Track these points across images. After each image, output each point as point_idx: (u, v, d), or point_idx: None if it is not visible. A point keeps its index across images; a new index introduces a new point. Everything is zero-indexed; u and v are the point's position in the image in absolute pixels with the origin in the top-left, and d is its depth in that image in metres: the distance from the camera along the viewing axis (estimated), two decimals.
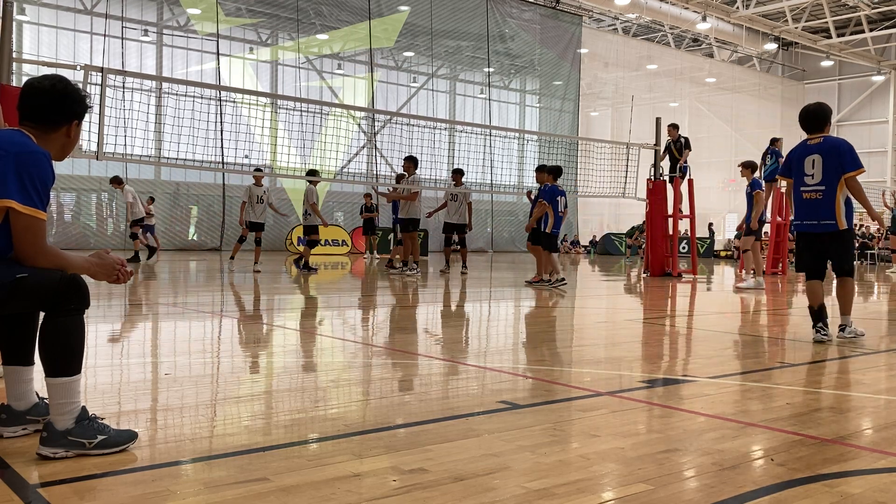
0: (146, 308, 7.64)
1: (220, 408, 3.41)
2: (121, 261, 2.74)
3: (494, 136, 24.04)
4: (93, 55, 22.65)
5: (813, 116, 5.95)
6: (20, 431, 2.78)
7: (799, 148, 6.02)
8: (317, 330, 6.44)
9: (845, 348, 5.62)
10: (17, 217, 2.52)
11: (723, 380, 4.29)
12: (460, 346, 5.65)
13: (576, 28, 31.37)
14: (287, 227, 25.79)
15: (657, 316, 8.05)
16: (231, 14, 25.69)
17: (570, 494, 2.32)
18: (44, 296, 2.56)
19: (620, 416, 3.33)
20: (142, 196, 18.30)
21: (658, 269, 14.72)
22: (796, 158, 5.99)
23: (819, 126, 5.95)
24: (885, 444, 2.99)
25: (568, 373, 4.40)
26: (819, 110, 5.97)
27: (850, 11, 32.08)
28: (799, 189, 5.92)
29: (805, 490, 2.41)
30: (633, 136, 16.52)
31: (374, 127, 27.99)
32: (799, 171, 5.94)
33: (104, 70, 8.90)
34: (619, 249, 31.70)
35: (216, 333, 6.03)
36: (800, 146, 6.02)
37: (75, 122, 2.76)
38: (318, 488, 2.32)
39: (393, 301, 9.10)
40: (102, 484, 2.36)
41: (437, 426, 3.10)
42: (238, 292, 9.95)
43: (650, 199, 14.96)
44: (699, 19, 29.97)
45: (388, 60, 30.53)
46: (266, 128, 22.07)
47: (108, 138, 9.48)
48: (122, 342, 5.44)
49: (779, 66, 39.40)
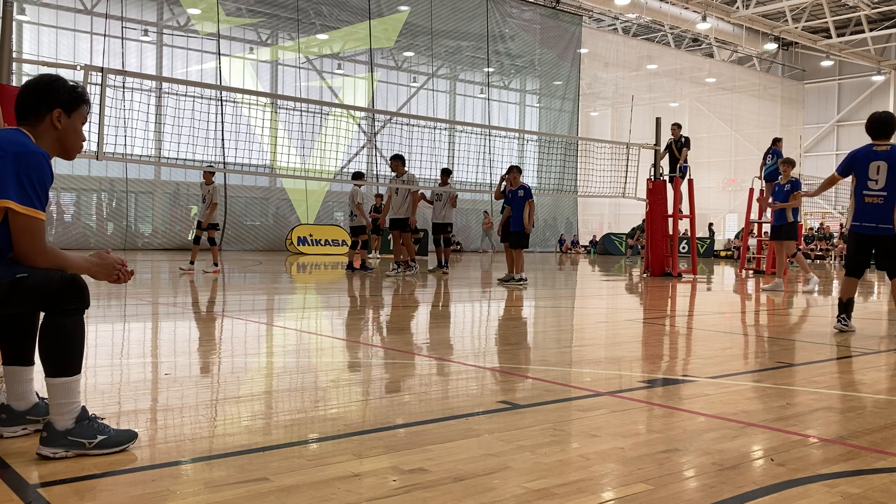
0: (146, 308, 7.64)
1: (220, 408, 3.41)
2: (121, 260, 2.74)
3: (494, 136, 24.05)
4: (93, 55, 22.66)
5: (882, 123, 6.20)
6: (20, 431, 2.78)
7: (864, 151, 6.18)
8: (317, 330, 6.44)
9: (845, 348, 5.62)
10: (15, 217, 2.52)
11: (723, 380, 4.29)
12: (460, 346, 5.65)
13: (576, 28, 31.37)
14: (287, 227, 25.82)
15: (657, 316, 8.05)
16: (231, 14, 25.70)
17: (570, 494, 2.32)
18: (44, 296, 2.56)
19: (620, 416, 3.33)
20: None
21: (658, 269, 14.73)
22: (861, 161, 6.16)
23: (887, 133, 6.18)
24: (885, 444, 2.99)
25: (568, 373, 4.40)
26: (889, 118, 6.22)
27: (850, 11, 32.07)
28: (861, 192, 6.13)
29: (805, 490, 2.41)
30: (633, 136, 16.52)
31: (374, 127, 28.00)
32: (863, 174, 6.13)
33: (104, 70, 8.90)
34: (619, 249, 31.72)
35: (216, 333, 6.03)
36: (865, 149, 6.19)
37: (58, 111, 2.68)
38: (318, 488, 2.32)
39: (391, 301, 9.10)
40: (102, 484, 2.36)
41: (437, 426, 3.10)
42: (238, 292, 9.95)
43: (650, 199, 14.96)
44: (699, 19, 29.96)
45: (388, 60, 30.54)
46: (266, 128, 22.07)
47: (108, 138, 9.49)
48: (122, 342, 5.44)
49: (779, 66, 39.39)
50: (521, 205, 11.60)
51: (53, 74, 2.76)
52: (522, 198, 11.61)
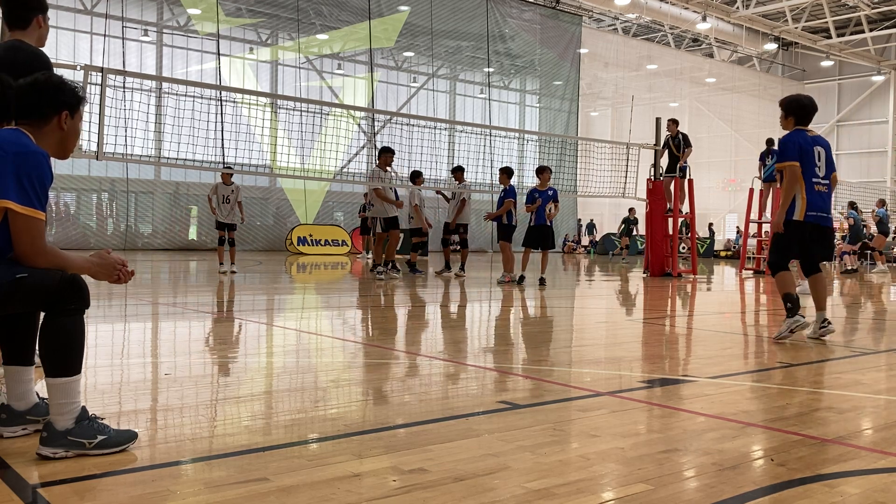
0: (146, 308, 7.64)
1: (220, 408, 3.41)
2: (122, 261, 2.74)
3: (494, 136, 24.04)
4: (93, 55, 22.66)
5: (813, 107, 5.92)
6: (20, 431, 2.77)
7: (802, 136, 5.82)
8: (316, 330, 6.44)
9: (845, 348, 5.62)
10: (15, 217, 2.52)
11: (723, 380, 4.29)
12: (460, 346, 5.65)
13: (576, 28, 31.36)
14: (287, 227, 25.83)
15: (657, 316, 8.05)
16: (231, 14, 25.70)
17: (570, 494, 2.32)
18: (44, 296, 2.56)
19: (620, 416, 3.33)
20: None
21: (658, 269, 14.72)
22: (806, 147, 5.78)
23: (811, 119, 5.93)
24: (885, 444, 2.99)
25: (568, 373, 4.40)
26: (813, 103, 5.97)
27: (850, 11, 32.07)
28: (811, 180, 5.75)
29: (805, 490, 2.41)
30: (633, 136, 16.52)
31: (374, 127, 27.99)
32: (811, 160, 5.77)
33: (104, 70, 8.89)
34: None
35: (216, 333, 6.03)
36: (801, 135, 5.83)
37: (65, 113, 2.71)
38: (318, 488, 2.32)
39: (392, 301, 9.10)
40: (102, 484, 2.36)
41: (437, 426, 3.10)
42: (238, 292, 9.95)
43: (650, 199, 14.96)
44: (699, 19, 29.96)
45: (388, 60, 30.54)
46: (266, 128, 22.07)
47: (108, 138, 9.48)
48: (122, 342, 5.44)
49: (779, 66, 39.39)
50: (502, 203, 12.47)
51: (54, 74, 2.76)
52: (503, 197, 12.50)
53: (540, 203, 11.68)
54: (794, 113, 5.92)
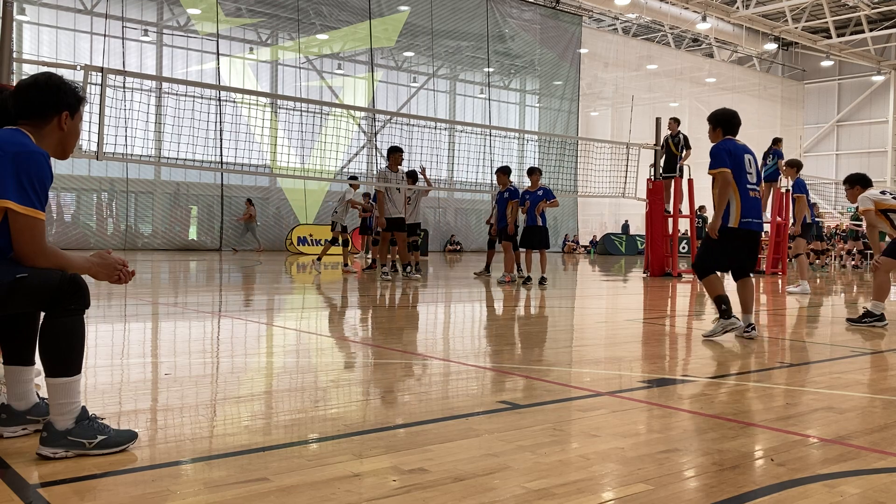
0: (146, 308, 7.64)
1: (220, 408, 3.41)
2: (122, 261, 2.74)
3: (494, 136, 24.06)
4: (93, 55, 22.66)
5: (738, 121, 6.29)
6: (20, 431, 2.78)
7: (731, 144, 6.11)
8: (317, 330, 6.44)
9: (845, 348, 5.62)
10: (15, 217, 2.52)
11: (723, 380, 4.29)
12: (460, 346, 5.65)
13: (576, 28, 31.37)
14: (287, 227, 25.84)
15: (657, 316, 8.05)
16: (231, 14, 25.70)
17: (570, 494, 2.32)
18: (44, 296, 2.56)
19: (620, 416, 3.33)
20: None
21: (658, 269, 14.72)
22: (739, 155, 6.07)
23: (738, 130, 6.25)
24: (885, 444, 2.99)
25: (568, 373, 4.40)
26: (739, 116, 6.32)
27: (850, 11, 32.08)
28: (745, 186, 6.02)
29: (805, 490, 2.41)
30: (633, 136, 16.52)
31: (374, 127, 27.99)
32: (741, 167, 6.04)
33: (104, 70, 8.90)
34: (619, 249, 31.73)
35: (216, 333, 6.03)
36: (731, 143, 6.12)
37: (65, 113, 2.71)
38: (318, 488, 2.32)
39: (392, 301, 9.10)
40: (102, 484, 2.36)
41: (437, 426, 3.10)
42: (238, 292, 9.95)
43: (650, 199, 14.96)
44: (699, 19, 29.97)
45: (388, 60, 30.54)
46: (266, 128, 22.07)
47: (108, 138, 9.49)
48: (122, 342, 5.44)
49: (779, 66, 39.40)
50: (505, 205, 12.56)
51: (54, 74, 2.76)
52: (507, 198, 12.52)
53: (529, 205, 12.03)
54: (721, 125, 6.26)
